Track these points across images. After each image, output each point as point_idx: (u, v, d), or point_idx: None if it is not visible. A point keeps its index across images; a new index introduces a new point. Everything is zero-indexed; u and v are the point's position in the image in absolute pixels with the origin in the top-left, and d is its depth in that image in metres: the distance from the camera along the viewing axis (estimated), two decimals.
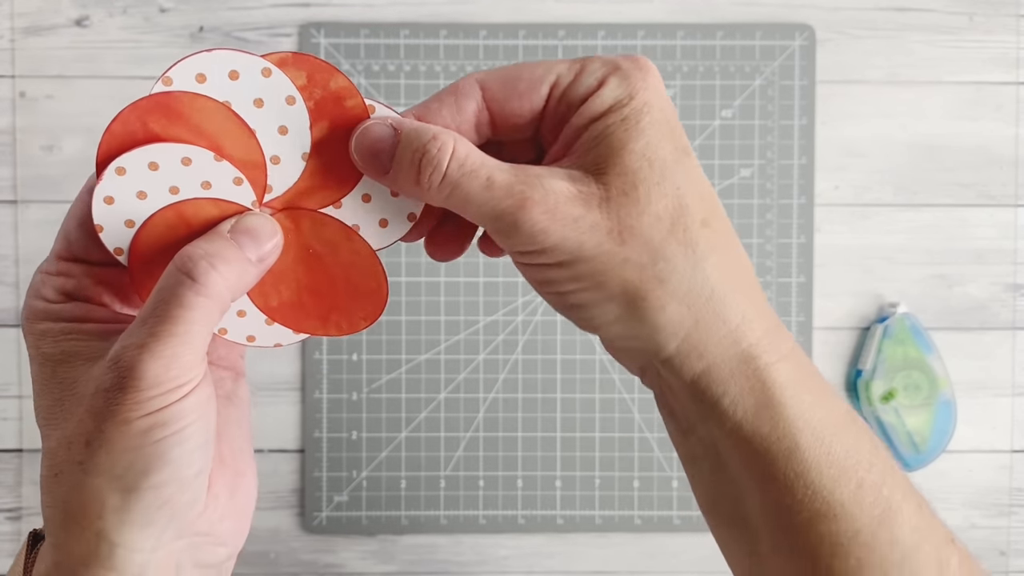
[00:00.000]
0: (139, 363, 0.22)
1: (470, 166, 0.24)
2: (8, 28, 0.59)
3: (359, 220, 0.27)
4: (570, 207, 0.24)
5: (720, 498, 0.27)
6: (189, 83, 0.25)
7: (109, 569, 0.23)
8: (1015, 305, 0.61)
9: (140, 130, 0.25)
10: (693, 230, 0.24)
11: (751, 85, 0.60)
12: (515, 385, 0.60)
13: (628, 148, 0.24)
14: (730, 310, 0.25)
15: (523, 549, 0.61)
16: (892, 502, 0.25)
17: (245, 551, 0.60)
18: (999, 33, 0.61)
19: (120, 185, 0.25)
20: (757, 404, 0.25)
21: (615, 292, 0.24)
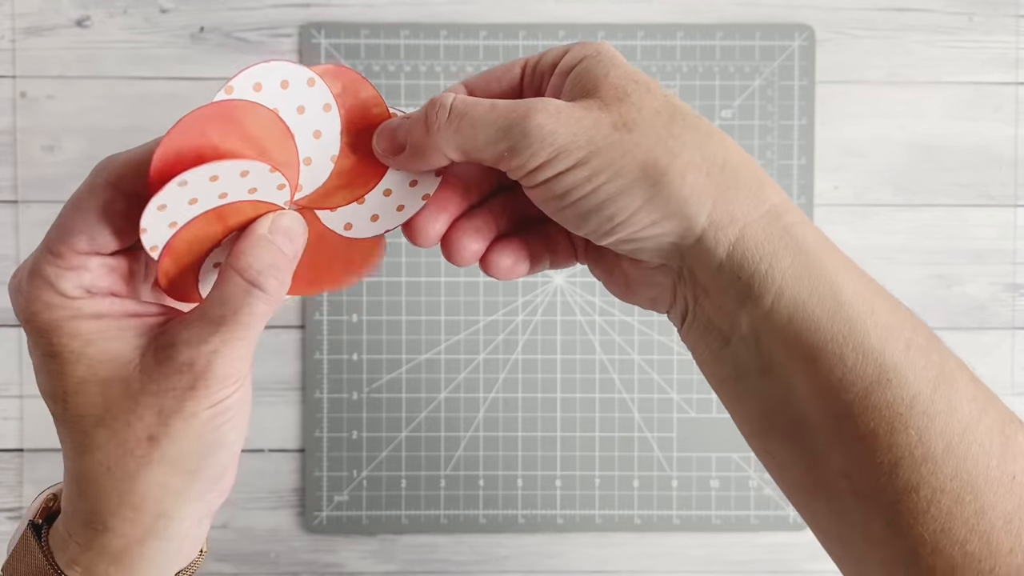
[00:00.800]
0: (212, 366, 0.25)
1: (472, 100, 0.26)
2: (9, 28, 0.59)
3: (379, 210, 0.29)
4: (572, 110, 0.25)
5: (770, 408, 0.26)
6: (248, 92, 0.27)
7: (164, 539, 0.26)
8: (1014, 305, 0.61)
9: (198, 136, 0.26)
10: (690, 119, 0.26)
11: (751, 85, 0.60)
12: (515, 385, 0.60)
13: (611, 74, 0.26)
14: (746, 176, 0.25)
15: (523, 549, 0.61)
16: (946, 367, 0.24)
17: (245, 551, 0.60)
18: (998, 33, 0.61)
19: (178, 194, 0.26)
20: (794, 263, 0.24)
21: (635, 176, 0.25)
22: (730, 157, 0.25)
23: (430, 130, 0.26)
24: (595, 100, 0.25)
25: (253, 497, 0.60)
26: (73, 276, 0.26)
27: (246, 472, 0.60)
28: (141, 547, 0.26)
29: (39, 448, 0.60)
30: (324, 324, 0.59)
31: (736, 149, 0.26)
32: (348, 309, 0.60)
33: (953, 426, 0.23)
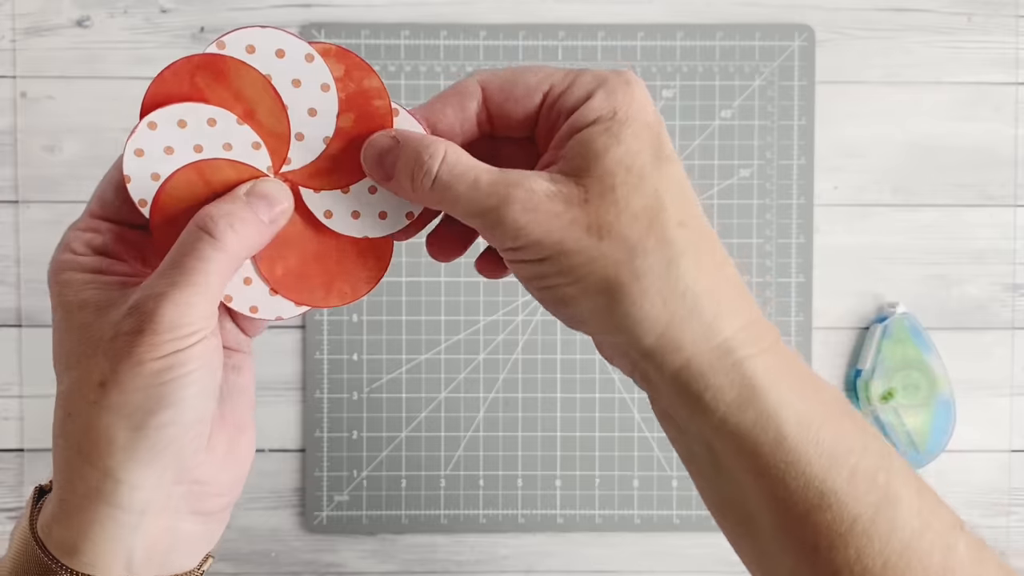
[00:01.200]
0: (158, 308, 0.25)
1: (459, 170, 0.26)
2: (9, 29, 0.59)
3: (361, 208, 0.29)
4: (551, 204, 0.25)
5: (724, 498, 0.27)
6: (239, 52, 0.27)
7: (113, 506, 0.25)
8: (1014, 305, 0.61)
9: (187, 82, 0.27)
10: (670, 229, 0.25)
11: (750, 86, 0.60)
12: (515, 385, 0.60)
13: (608, 155, 0.26)
14: (705, 305, 0.25)
15: (523, 549, 0.61)
16: (890, 489, 0.25)
17: (245, 550, 0.60)
18: (998, 33, 0.61)
19: (151, 139, 0.27)
20: (739, 396, 0.25)
21: (595, 286, 0.25)
22: (695, 283, 0.25)
23: (414, 189, 0.27)
24: (580, 188, 0.26)
25: (253, 497, 0.60)
26: (84, 236, 0.28)
27: None
28: (91, 507, 0.25)
29: (39, 448, 0.60)
30: (324, 324, 0.59)
31: (710, 267, 0.26)
32: (348, 309, 0.60)
33: (893, 545, 0.25)
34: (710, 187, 0.60)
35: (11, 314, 0.59)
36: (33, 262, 0.59)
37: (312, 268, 0.29)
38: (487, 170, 0.26)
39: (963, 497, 0.61)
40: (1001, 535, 0.61)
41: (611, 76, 0.27)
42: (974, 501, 0.61)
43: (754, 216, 0.60)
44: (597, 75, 0.27)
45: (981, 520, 0.61)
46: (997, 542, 0.61)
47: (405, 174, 0.27)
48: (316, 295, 0.30)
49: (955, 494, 0.61)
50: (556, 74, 0.28)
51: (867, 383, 0.59)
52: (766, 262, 0.60)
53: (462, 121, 0.28)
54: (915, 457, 0.59)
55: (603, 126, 0.26)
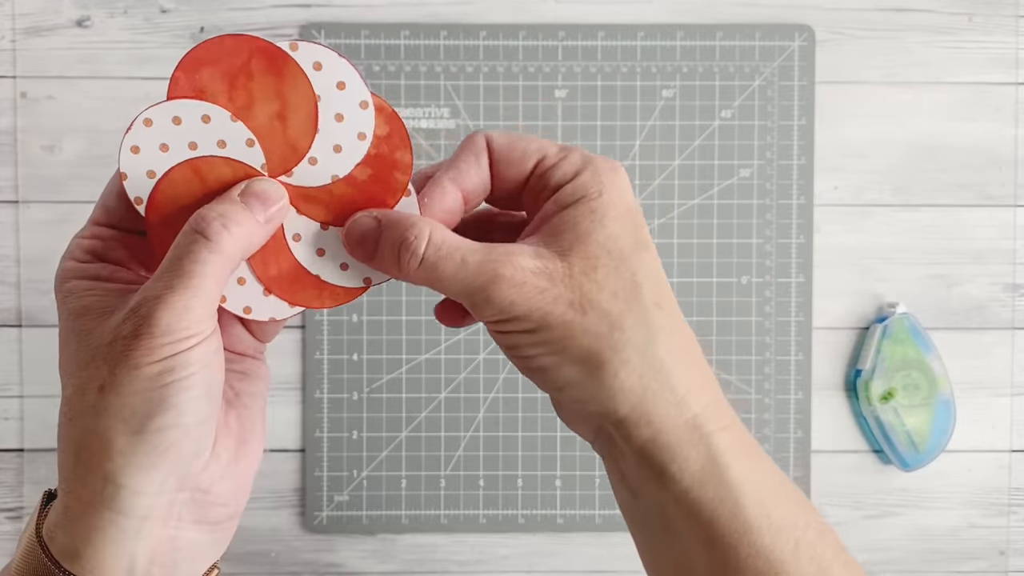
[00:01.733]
0: (154, 312, 0.25)
1: (446, 250, 0.27)
2: (9, 29, 0.59)
3: (328, 248, 0.30)
4: (537, 280, 0.27)
5: (669, 561, 0.29)
6: (306, 61, 0.28)
7: (115, 511, 0.26)
8: (1014, 305, 0.61)
9: (242, 57, 0.27)
10: (647, 309, 0.27)
11: (750, 86, 0.60)
12: (515, 385, 0.60)
13: (592, 237, 0.27)
14: (677, 381, 0.27)
15: (523, 549, 0.61)
16: (824, 560, 0.27)
17: (245, 551, 0.60)
18: (998, 34, 0.61)
19: (147, 136, 0.27)
20: (702, 470, 0.27)
21: (575, 357, 0.27)
22: (668, 359, 0.27)
23: (400, 269, 0.28)
24: (565, 264, 0.27)
25: (253, 497, 0.60)
26: (86, 243, 0.28)
27: None
28: (93, 512, 0.26)
29: (39, 448, 0.60)
30: (324, 324, 0.59)
31: (681, 348, 0.28)
32: (348, 309, 0.60)
33: None
34: (710, 187, 0.60)
35: (11, 314, 0.59)
36: (33, 262, 0.59)
37: (302, 271, 0.29)
38: (472, 249, 0.27)
39: (963, 497, 0.61)
40: (1001, 535, 0.61)
41: (598, 160, 0.29)
42: (974, 501, 0.61)
43: (754, 216, 0.60)
44: (586, 156, 0.29)
45: (981, 520, 0.61)
46: (997, 542, 0.61)
47: (391, 255, 0.28)
48: (309, 295, 0.30)
49: (955, 494, 0.61)
50: (550, 147, 0.29)
51: (867, 383, 0.59)
52: (766, 262, 0.60)
53: (483, 179, 0.29)
54: (915, 457, 0.59)
55: (588, 207, 0.27)
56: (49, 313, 0.59)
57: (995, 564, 0.61)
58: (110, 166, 0.62)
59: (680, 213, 0.60)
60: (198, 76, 0.28)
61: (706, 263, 0.60)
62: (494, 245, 0.27)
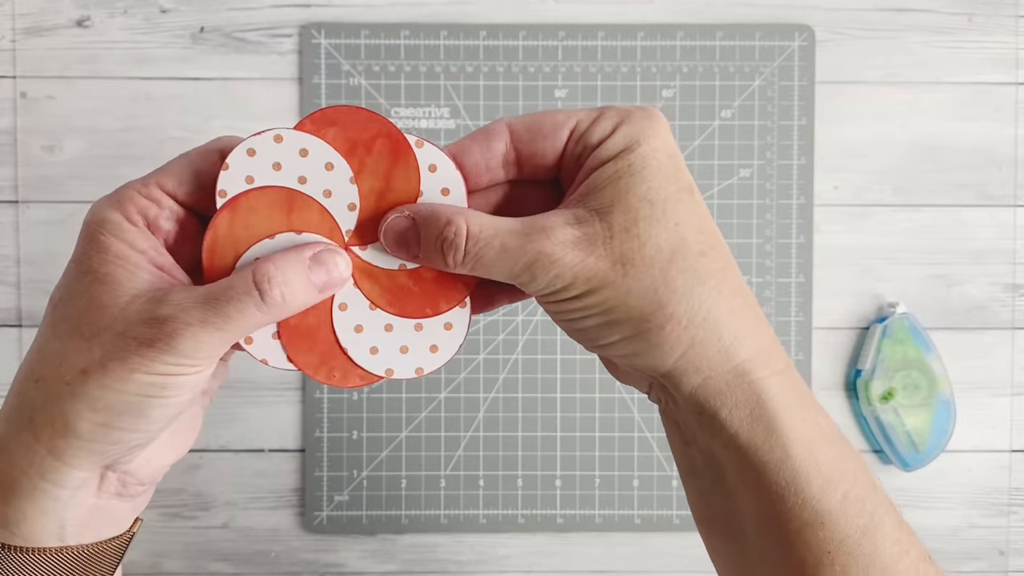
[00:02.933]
0: (178, 336, 0.25)
1: (484, 240, 0.27)
2: (9, 29, 0.59)
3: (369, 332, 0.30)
4: (576, 251, 0.27)
5: (717, 511, 0.29)
6: (424, 161, 0.29)
7: (50, 482, 0.26)
8: (1014, 305, 0.61)
9: (368, 135, 0.28)
10: (691, 259, 0.27)
11: (750, 86, 0.60)
12: (515, 385, 0.60)
13: (632, 191, 0.27)
14: (724, 330, 0.27)
15: (523, 549, 0.61)
16: (875, 515, 0.27)
17: (245, 551, 0.60)
18: (998, 34, 0.61)
19: (268, 149, 0.28)
20: (752, 415, 0.27)
21: (621, 317, 0.27)
22: (715, 308, 0.27)
23: (447, 265, 0.28)
24: (604, 225, 0.27)
25: (253, 497, 0.60)
26: (143, 202, 0.27)
27: (246, 472, 0.60)
28: (27, 481, 0.26)
29: None
30: None
31: (730, 293, 0.27)
32: None
33: (875, 566, 0.27)
34: (710, 187, 0.60)
35: (11, 314, 0.59)
36: (33, 262, 0.59)
37: (321, 335, 0.29)
38: (510, 231, 0.27)
39: (963, 497, 0.61)
40: (1001, 535, 0.61)
41: (634, 111, 0.28)
42: (974, 501, 0.61)
43: (754, 216, 0.60)
44: (621, 110, 0.28)
45: (981, 520, 0.61)
46: (997, 542, 0.61)
47: (435, 253, 0.28)
48: (309, 360, 0.29)
49: (955, 494, 0.61)
50: (581, 112, 0.29)
51: (867, 383, 0.59)
52: (766, 262, 0.60)
53: (488, 159, 0.29)
54: (915, 457, 0.59)
55: (626, 162, 0.27)
56: None
57: (995, 564, 0.61)
58: (110, 166, 0.62)
59: None
60: (325, 131, 0.28)
61: None
62: (532, 220, 0.27)
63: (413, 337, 0.30)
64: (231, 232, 0.28)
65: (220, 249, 0.28)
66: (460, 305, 0.30)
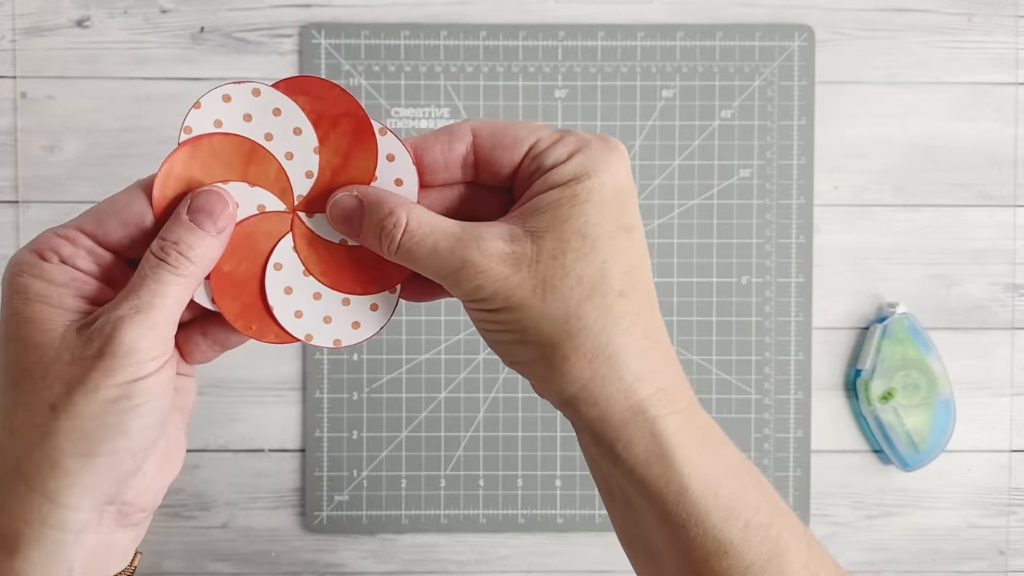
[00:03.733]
0: (119, 331, 0.25)
1: (420, 236, 0.28)
2: (9, 29, 0.59)
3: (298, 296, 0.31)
4: (502, 266, 0.27)
5: (634, 534, 0.30)
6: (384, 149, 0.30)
7: (53, 527, 0.26)
8: (1014, 305, 0.61)
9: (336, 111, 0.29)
10: (609, 297, 0.27)
11: (750, 86, 0.60)
12: (515, 385, 0.60)
13: (569, 222, 0.27)
14: (626, 369, 0.28)
15: (523, 548, 0.61)
16: (780, 541, 0.28)
17: (245, 551, 0.60)
18: (998, 34, 0.61)
19: (244, 99, 0.29)
20: (647, 451, 0.27)
21: (532, 339, 0.28)
22: (622, 348, 0.27)
23: (381, 251, 0.29)
24: (534, 248, 0.27)
25: (253, 497, 0.60)
26: (56, 241, 0.28)
27: (246, 472, 0.60)
28: (30, 530, 0.26)
29: None
30: None
31: (640, 335, 0.28)
32: None
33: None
34: (710, 187, 0.60)
35: None
36: None
37: (249, 287, 0.30)
38: (446, 234, 0.28)
39: (963, 497, 0.61)
40: (1001, 535, 0.61)
41: (594, 141, 0.29)
42: (974, 501, 0.61)
43: (754, 216, 0.60)
44: (581, 138, 0.29)
45: (981, 520, 0.61)
46: (996, 542, 0.61)
47: (373, 237, 0.29)
48: (231, 307, 0.30)
49: (955, 494, 0.61)
50: (544, 131, 0.29)
51: (867, 383, 0.59)
52: (766, 262, 0.60)
53: (447, 160, 0.30)
54: (915, 457, 0.59)
55: (571, 191, 0.28)
56: None
57: (995, 564, 0.61)
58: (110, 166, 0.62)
59: (680, 213, 0.60)
60: (296, 97, 0.29)
61: (706, 263, 0.60)
62: (469, 227, 0.28)
63: (338, 310, 0.30)
64: (187, 169, 0.29)
65: (172, 182, 0.28)
66: (390, 290, 0.30)
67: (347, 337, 0.31)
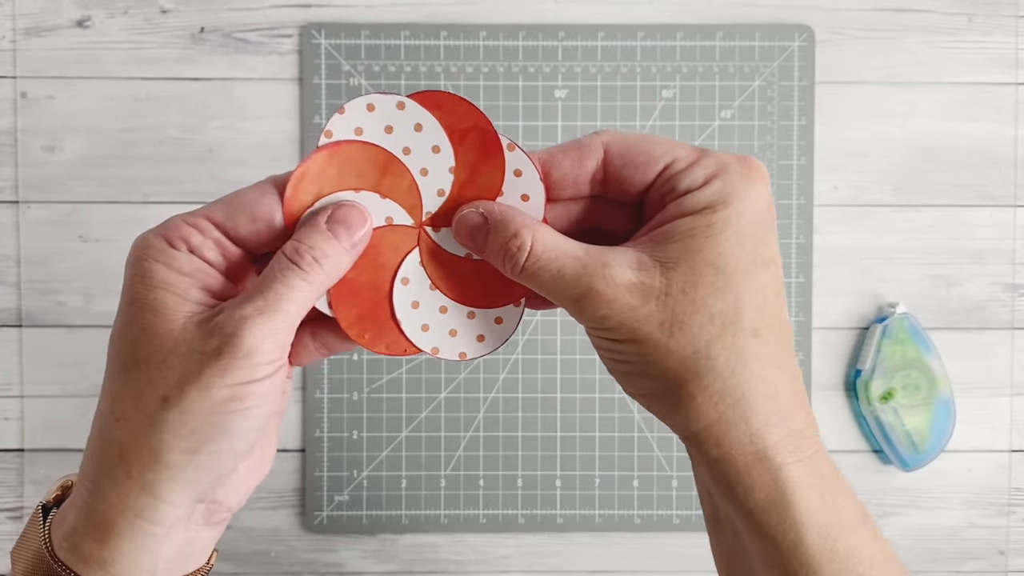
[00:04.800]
0: (241, 331, 0.25)
1: (544, 261, 0.27)
2: (10, 29, 0.59)
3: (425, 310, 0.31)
4: (629, 297, 0.26)
5: (737, 567, 0.29)
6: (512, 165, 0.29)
7: (146, 520, 0.26)
8: (1014, 305, 0.61)
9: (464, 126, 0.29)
10: (741, 337, 0.26)
11: (750, 86, 0.60)
12: (515, 385, 0.60)
13: (702, 254, 0.26)
14: (754, 413, 0.26)
15: (523, 548, 0.61)
16: None
17: (245, 551, 0.60)
18: (998, 34, 0.61)
19: (388, 110, 0.29)
20: (767, 498, 0.27)
21: (656, 373, 0.27)
22: (751, 391, 0.26)
23: (505, 271, 0.28)
24: (663, 280, 0.26)
25: (253, 497, 0.60)
26: (184, 229, 0.27)
27: None
28: (123, 520, 0.26)
29: (39, 448, 0.60)
30: None
31: (772, 378, 0.27)
32: None
33: None
34: None
35: (11, 314, 0.59)
36: (33, 262, 0.59)
37: (369, 297, 0.30)
38: (572, 258, 0.27)
39: (963, 497, 0.61)
40: (1001, 535, 0.61)
41: (734, 165, 0.27)
42: (974, 501, 0.61)
43: None
44: (720, 161, 0.27)
45: (981, 520, 0.61)
46: (997, 542, 0.61)
47: (497, 257, 0.28)
48: (347, 315, 0.30)
49: (955, 494, 0.61)
50: (680, 149, 0.28)
51: (867, 383, 0.59)
52: None
53: (576, 176, 0.29)
54: (915, 457, 0.59)
55: (705, 220, 0.26)
56: (49, 313, 0.59)
57: (995, 564, 0.61)
58: (110, 166, 0.62)
59: None
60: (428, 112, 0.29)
61: None
62: (596, 252, 0.27)
63: (464, 324, 0.30)
64: (323, 171, 0.29)
65: (306, 184, 0.28)
66: (515, 304, 0.30)
67: (472, 350, 0.31)
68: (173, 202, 0.59)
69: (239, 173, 0.60)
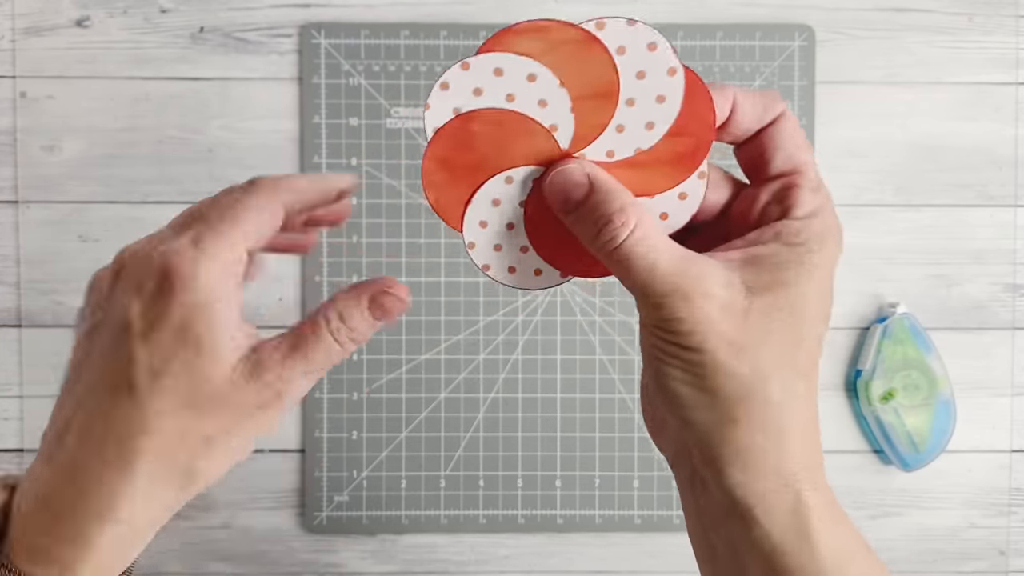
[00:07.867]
0: (290, 393, 0.28)
1: (643, 247, 0.27)
2: (9, 28, 0.59)
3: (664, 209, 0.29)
4: (710, 309, 0.26)
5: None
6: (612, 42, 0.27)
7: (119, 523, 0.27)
8: (1014, 305, 0.61)
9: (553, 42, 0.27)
10: (793, 378, 0.27)
11: (751, 86, 0.60)
12: (515, 385, 0.60)
13: (791, 289, 0.27)
14: (786, 449, 0.27)
15: (523, 549, 0.61)
16: None
17: (245, 551, 0.60)
18: (998, 34, 0.61)
19: (460, 77, 0.27)
20: (786, 521, 0.27)
21: (707, 387, 0.27)
22: (790, 427, 0.27)
23: (595, 243, 0.27)
24: (747, 301, 0.27)
25: (253, 497, 0.60)
26: (234, 257, 0.28)
27: (246, 472, 0.60)
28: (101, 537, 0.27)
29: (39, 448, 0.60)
30: None
31: (808, 418, 0.28)
32: None
33: None
34: None
35: (11, 314, 0.59)
36: (33, 262, 0.59)
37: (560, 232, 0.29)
38: (668, 257, 0.27)
39: (963, 497, 0.61)
40: (1001, 535, 0.61)
41: (833, 216, 0.29)
42: (974, 501, 0.61)
43: None
44: (825, 203, 0.29)
45: (981, 520, 0.61)
46: (997, 542, 0.61)
47: (590, 225, 0.27)
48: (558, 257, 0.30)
49: (955, 494, 0.61)
50: (812, 159, 0.29)
51: (867, 383, 0.59)
52: None
53: (759, 119, 0.29)
54: (915, 457, 0.59)
55: (801, 258, 0.27)
56: (49, 313, 0.59)
57: (995, 564, 0.61)
58: (110, 166, 0.62)
59: None
60: (517, 45, 0.27)
61: None
62: (692, 259, 0.27)
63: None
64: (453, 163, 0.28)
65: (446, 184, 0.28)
66: (700, 177, 0.29)
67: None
68: (173, 202, 0.59)
69: (239, 173, 0.60)
